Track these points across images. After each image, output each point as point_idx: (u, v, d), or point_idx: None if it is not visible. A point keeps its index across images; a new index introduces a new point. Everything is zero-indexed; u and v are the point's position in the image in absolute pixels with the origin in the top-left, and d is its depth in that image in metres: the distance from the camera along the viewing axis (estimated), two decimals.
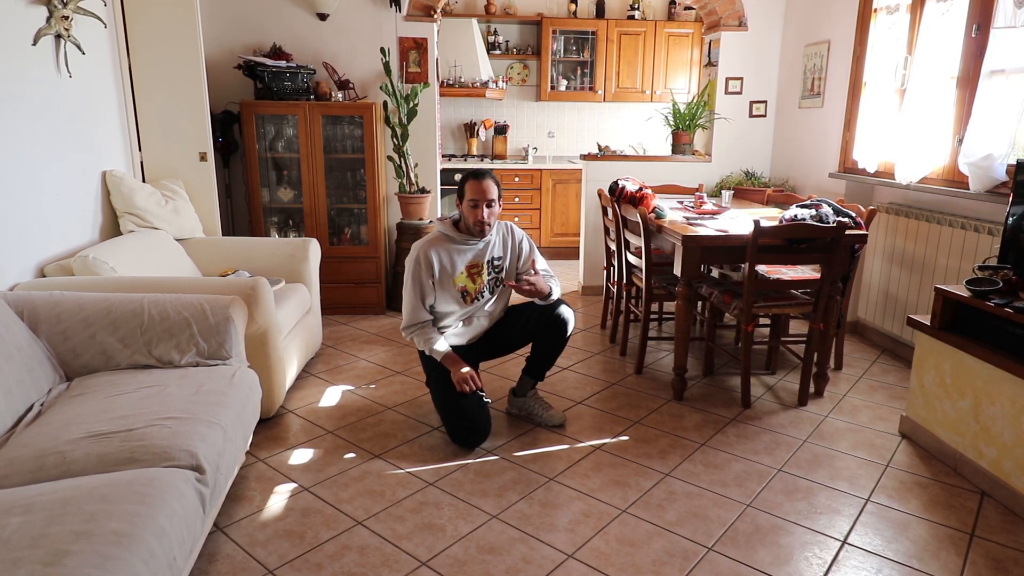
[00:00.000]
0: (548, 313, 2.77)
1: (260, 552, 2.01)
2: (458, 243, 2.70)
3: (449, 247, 2.69)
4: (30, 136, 2.62)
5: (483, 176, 2.62)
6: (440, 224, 2.72)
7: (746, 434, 2.81)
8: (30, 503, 1.46)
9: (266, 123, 4.33)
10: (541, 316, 2.78)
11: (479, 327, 2.83)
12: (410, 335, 2.73)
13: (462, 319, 2.78)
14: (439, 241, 2.70)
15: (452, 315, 2.76)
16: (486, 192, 2.60)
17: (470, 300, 2.73)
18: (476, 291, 2.74)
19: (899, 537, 2.12)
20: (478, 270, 2.73)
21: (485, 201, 2.60)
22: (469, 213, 2.63)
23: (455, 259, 2.69)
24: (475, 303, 2.76)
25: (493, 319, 2.85)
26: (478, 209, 2.61)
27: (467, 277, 2.70)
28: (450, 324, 2.78)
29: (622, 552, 2.03)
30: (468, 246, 2.71)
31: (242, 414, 2.11)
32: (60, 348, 2.23)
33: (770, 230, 2.84)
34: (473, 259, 2.72)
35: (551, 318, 2.77)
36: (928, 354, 2.67)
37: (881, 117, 3.82)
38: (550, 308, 2.77)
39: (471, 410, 2.64)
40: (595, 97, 6.37)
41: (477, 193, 2.60)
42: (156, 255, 3.04)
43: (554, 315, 2.77)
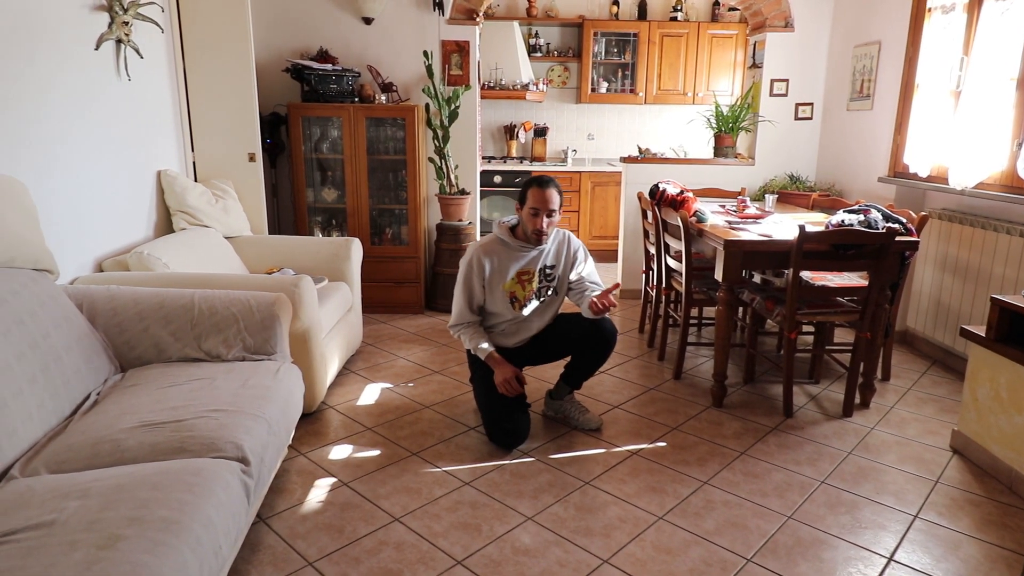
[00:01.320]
0: (594, 329, 2.74)
1: (300, 544, 2.05)
2: (512, 248, 2.69)
3: (503, 252, 2.70)
4: (91, 137, 2.73)
5: (547, 184, 2.59)
6: (498, 228, 2.73)
7: (788, 444, 2.75)
8: (87, 488, 1.53)
9: (312, 125, 4.43)
10: (586, 331, 2.75)
11: (527, 332, 2.82)
12: (457, 333, 2.78)
13: (510, 323, 2.79)
14: (494, 244, 2.71)
15: (501, 318, 2.78)
16: (548, 201, 2.57)
17: (518, 306, 2.74)
18: (525, 297, 2.74)
19: (949, 556, 2.05)
20: (528, 277, 2.72)
21: (546, 211, 2.58)
22: (528, 220, 2.62)
23: (507, 264, 2.69)
24: (523, 309, 2.76)
25: (541, 325, 2.84)
26: (538, 218, 2.59)
27: (516, 283, 2.71)
28: (498, 326, 2.80)
29: (658, 559, 2.01)
30: (522, 252, 2.71)
31: (285, 409, 2.16)
32: (116, 340, 2.32)
33: (816, 235, 2.78)
34: (525, 265, 2.71)
35: (596, 335, 2.75)
36: (982, 366, 2.57)
37: (934, 120, 3.70)
38: (596, 324, 2.74)
39: (512, 411, 2.66)
40: (636, 99, 6.32)
41: (539, 202, 2.58)
42: (206, 252, 3.13)
43: (599, 332, 2.74)
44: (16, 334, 1.86)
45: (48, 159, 2.47)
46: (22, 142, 2.34)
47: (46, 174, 2.46)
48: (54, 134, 2.50)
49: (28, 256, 2.12)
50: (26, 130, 2.36)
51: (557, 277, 2.79)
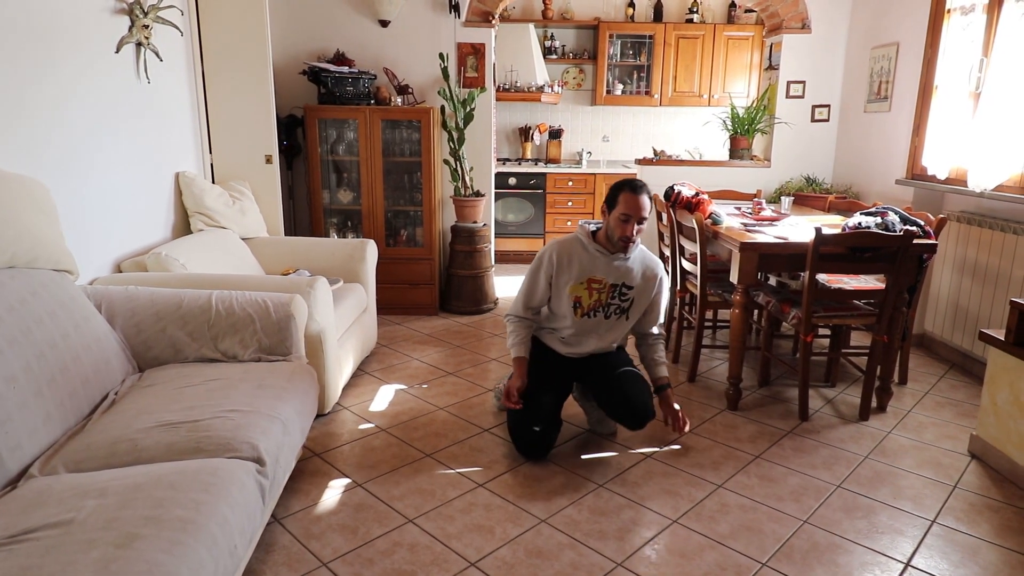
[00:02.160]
0: (632, 410, 2.55)
1: (315, 545, 2.06)
2: (589, 252, 2.58)
3: (579, 253, 2.59)
4: (111, 139, 2.77)
5: (640, 190, 2.46)
6: (579, 229, 2.65)
7: (803, 448, 2.73)
8: (104, 487, 1.55)
9: (328, 127, 4.46)
10: (626, 402, 2.56)
11: (581, 347, 2.69)
12: (507, 322, 2.76)
13: (570, 331, 2.67)
14: (571, 244, 2.62)
15: (563, 322, 2.67)
16: (641, 208, 2.46)
17: (580, 313, 2.62)
18: (589, 307, 2.60)
19: (967, 562, 2.03)
20: (600, 287, 2.58)
21: (638, 218, 2.47)
22: (617, 226, 2.49)
23: (579, 267, 2.58)
24: (585, 319, 2.63)
25: (600, 347, 2.70)
26: (629, 224, 2.47)
27: (584, 288, 2.58)
28: (560, 331, 2.71)
29: (672, 563, 2.00)
30: (598, 258, 2.58)
31: (300, 409, 2.17)
32: (134, 340, 2.35)
33: (833, 238, 2.76)
34: (599, 273, 2.59)
35: (631, 416, 2.57)
36: (1001, 370, 2.54)
37: (953, 122, 3.66)
38: (639, 406, 2.55)
39: (544, 416, 2.54)
40: (651, 101, 6.30)
41: (632, 208, 2.45)
42: (223, 253, 3.16)
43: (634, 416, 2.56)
44: (36, 334, 1.89)
45: (69, 161, 2.51)
46: (44, 144, 2.38)
47: (67, 176, 2.50)
48: (75, 136, 2.54)
49: (49, 257, 2.15)
50: (47, 132, 2.40)
51: (632, 300, 2.63)
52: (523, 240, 6.22)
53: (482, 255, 4.59)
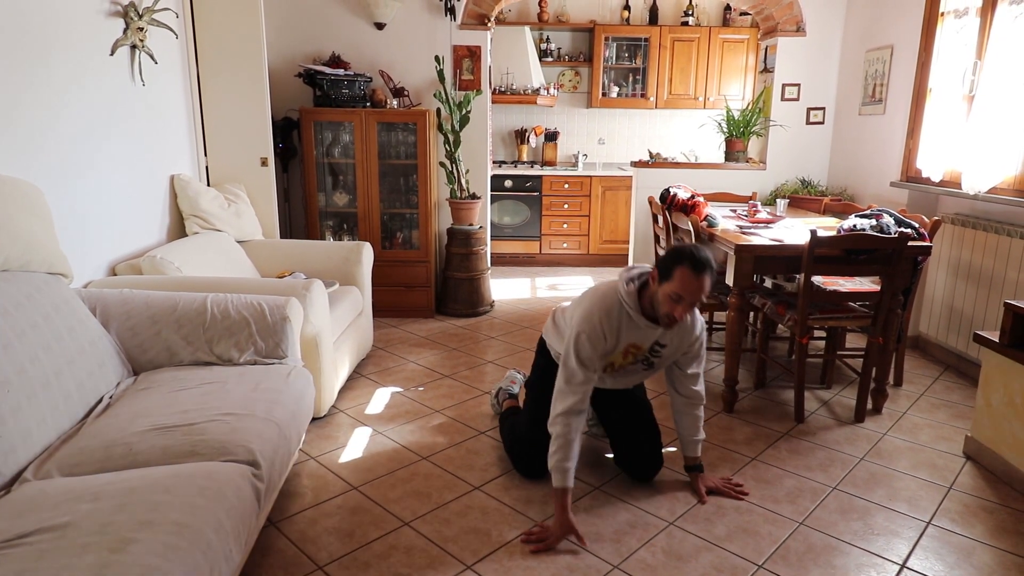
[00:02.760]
0: (647, 464, 2.45)
1: (311, 548, 2.06)
2: (636, 323, 2.18)
3: (626, 324, 2.18)
4: (106, 141, 2.76)
5: (703, 269, 2.03)
6: (624, 291, 2.17)
7: (799, 450, 2.73)
8: (99, 491, 1.54)
9: (324, 129, 4.45)
10: (638, 454, 2.44)
11: (604, 384, 2.42)
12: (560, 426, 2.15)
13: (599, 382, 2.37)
14: (618, 315, 2.17)
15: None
16: (699, 292, 2.05)
17: (610, 371, 2.32)
18: (620, 366, 2.31)
19: (962, 563, 2.03)
20: (637, 351, 2.26)
21: (692, 301, 2.06)
22: (665, 302, 2.08)
23: (621, 336, 2.20)
24: (615, 374, 2.34)
25: (619, 386, 2.47)
26: (680, 306, 2.06)
27: (621, 354, 2.25)
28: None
29: (669, 565, 2.00)
30: (647, 328, 2.19)
31: (296, 412, 2.17)
32: (128, 343, 2.34)
33: (828, 240, 2.77)
34: (639, 340, 2.23)
35: (643, 469, 2.45)
36: (996, 372, 2.55)
37: (947, 124, 3.67)
38: (652, 455, 2.45)
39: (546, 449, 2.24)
40: (647, 104, 6.32)
41: (688, 291, 2.03)
42: (218, 256, 3.15)
43: (646, 471, 2.45)
44: (30, 337, 1.88)
45: (63, 164, 2.50)
46: (37, 147, 2.37)
47: (61, 178, 2.49)
48: (69, 139, 2.54)
49: (43, 260, 2.14)
50: (41, 135, 2.39)
51: (663, 357, 2.32)
52: (519, 242, 6.22)
53: (478, 257, 4.59)
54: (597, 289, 2.27)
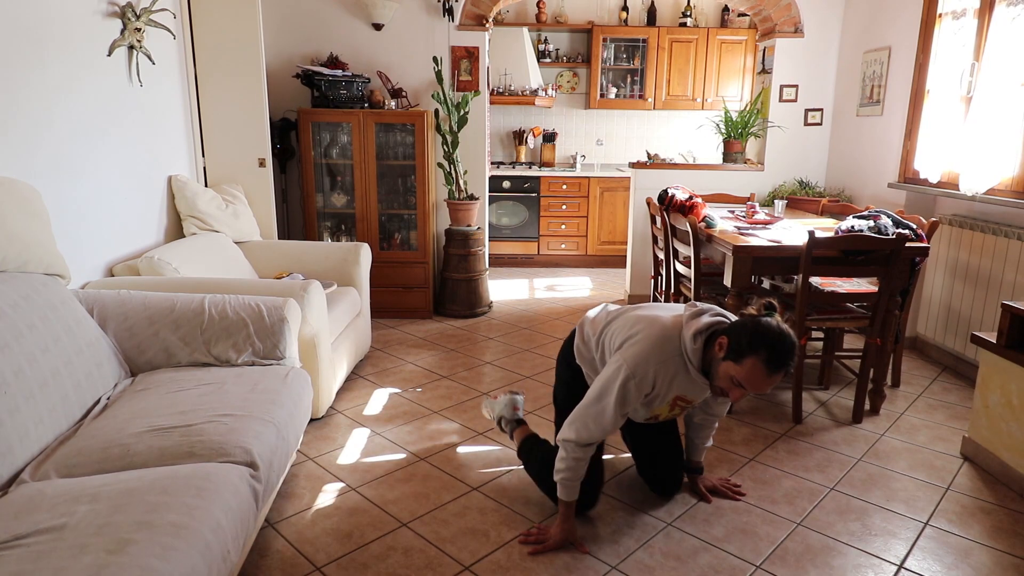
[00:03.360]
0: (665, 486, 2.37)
1: (308, 549, 2.06)
2: (692, 376, 1.97)
3: (681, 375, 1.97)
4: (103, 142, 2.76)
5: (782, 367, 1.80)
6: (690, 344, 1.92)
7: (797, 450, 2.74)
8: (96, 492, 1.54)
9: (322, 130, 4.45)
10: (664, 472, 2.36)
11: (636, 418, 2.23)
12: (570, 452, 2.01)
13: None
14: (676, 367, 1.96)
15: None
16: (769, 387, 1.86)
17: (652, 421, 2.20)
18: (666, 419, 2.21)
19: (960, 564, 2.03)
20: (685, 405, 2.11)
21: (754, 391, 1.87)
22: (725, 382, 1.88)
23: (673, 388, 2.00)
24: (649, 422, 2.22)
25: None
26: (739, 392, 1.87)
27: (669, 408, 2.10)
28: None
29: (667, 566, 2.00)
30: (700, 383, 1.99)
31: (294, 413, 2.16)
32: (126, 344, 2.34)
33: (825, 241, 2.77)
34: (690, 394, 2.05)
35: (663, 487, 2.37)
36: (993, 373, 2.55)
37: (945, 126, 3.68)
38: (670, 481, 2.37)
39: (593, 474, 2.15)
40: (645, 105, 6.32)
41: (756, 385, 1.83)
42: (216, 257, 3.15)
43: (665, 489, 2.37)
44: (28, 338, 1.88)
45: (60, 164, 2.50)
46: (34, 147, 2.37)
47: (58, 179, 2.48)
48: (66, 140, 2.53)
49: (40, 261, 2.14)
50: (39, 135, 2.38)
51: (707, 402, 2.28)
52: (517, 243, 6.22)
53: (476, 258, 4.59)
54: (654, 326, 1.98)
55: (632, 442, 2.44)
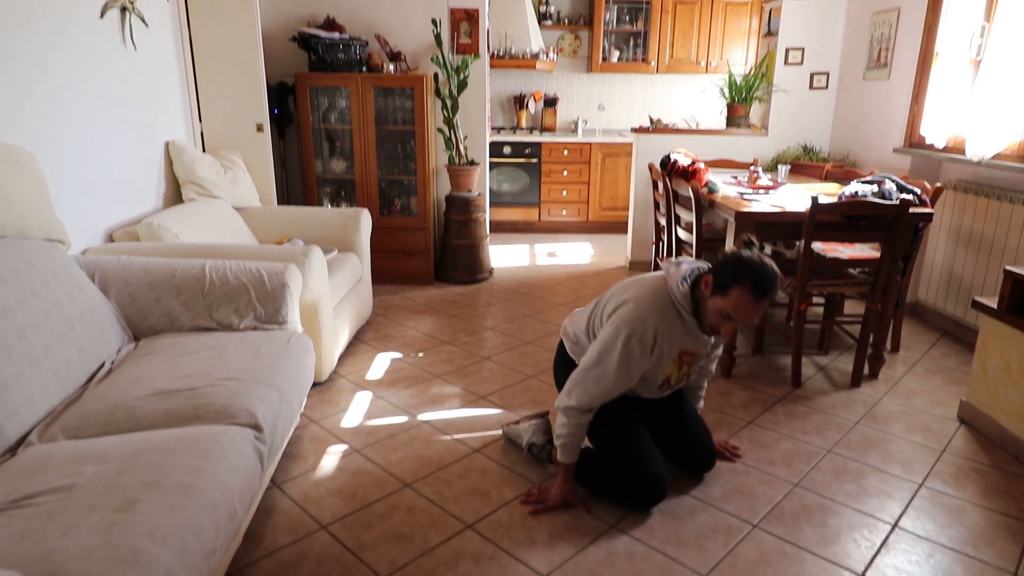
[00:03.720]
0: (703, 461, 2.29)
1: (314, 508, 2.09)
2: (687, 323, 2.01)
3: (677, 324, 2.00)
4: (98, 107, 2.73)
5: (766, 294, 1.86)
6: (679, 291, 1.97)
7: (795, 414, 2.76)
8: (103, 453, 1.56)
9: (320, 95, 4.39)
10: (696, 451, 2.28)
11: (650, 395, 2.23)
12: (571, 418, 2.03)
13: (647, 398, 2.23)
14: (672, 316, 1.99)
15: (639, 395, 2.20)
16: (756, 316, 1.91)
17: (665, 388, 2.16)
18: (677, 380, 2.15)
19: (953, 523, 2.07)
20: (691, 359, 2.11)
21: (744, 322, 1.93)
22: (714, 316, 1.93)
23: (675, 340, 2.02)
24: (667, 390, 2.18)
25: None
26: (729, 325, 1.93)
27: (675, 364, 2.08)
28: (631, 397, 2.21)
29: (665, 524, 2.04)
30: (695, 329, 2.02)
31: (297, 377, 2.18)
32: (128, 310, 2.35)
33: (829, 207, 2.76)
34: (693, 346, 2.07)
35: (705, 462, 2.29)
36: (993, 338, 2.56)
37: (953, 89, 3.63)
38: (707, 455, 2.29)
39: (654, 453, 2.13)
40: (648, 69, 6.22)
41: (744, 314, 1.88)
42: (216, 223, 3.14)
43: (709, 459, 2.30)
44: (31, 304, 1.88)
45: (56, 130, 2.47)
46: (29, 113, 2.34)
47: (55, 145, 2.46)
48: (61, 105, 2.50)
49: (40, 227, 2.13)
50: (33, 101, 2.35)
51: (712, 357, 2.29)
52: (518, 210, 6.19)
53: (477, 224, 4.57)
54: (642, 286, 2.03)
55: (659, 434, 2.29)
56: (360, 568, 1.84)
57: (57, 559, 1.20)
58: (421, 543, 1.94)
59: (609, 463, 2.13)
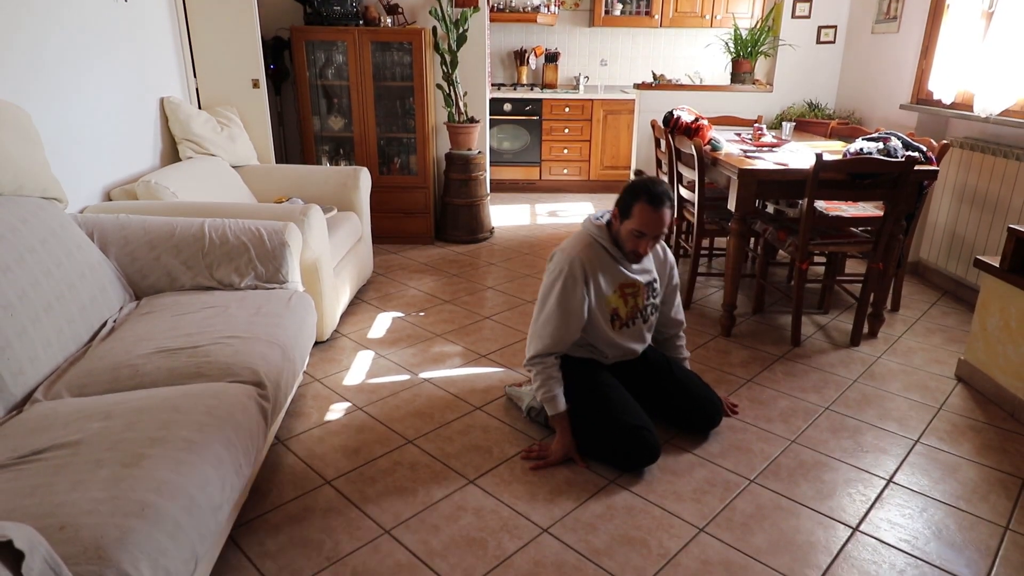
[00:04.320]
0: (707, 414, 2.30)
1: (318, 464, 2.13)
2: (614, 256, 2.18)
3: (604, 258, 2.17)
4: (90, 63, 2.67)
5: (661, 203, 2.05)
6: (593, 227, 2.19)
7: (794, 372, 2.79)
8: (109, 410, 1.57)
9: (316, 50, 4.30)
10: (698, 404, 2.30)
11: (628, 355, 2.33)
12: (535, 368, 2.17)
13: (611, 349, 2.28)
14: (594, 250, 2.16)
15: (600, 343, 2.25)
16: (662, 224, 2.07)
17: (619, 325, 2.24)
18: (628, 316, 2.24)
19: (947, 478, 2.10)
20: (634, 291, 2.22)
21: (655, 236, 2.10)
22: (629, 240, 2.11)
23: (609, 275, 2.18)
24: (624, 330, 2.26)
25: (644, 345, 2.36)
26: (643, 241, 2.10)
27: (619, 298, 2.20)
28: (595, 352, 2.29)
29: (663, 480, 2.07)
30: (620, 259, 2.20)
31: (299, 335, 2.19)
32: (128, 269, 2.34)
33: (833, 164, 2.73)
34: (629, 278, 2.21)
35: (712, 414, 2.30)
36: (994, 296, 2.56)
37: (963, 43, 3.55)
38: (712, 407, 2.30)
39: (629, 404, 2.16)
40: (651, 23, 6.08)
41: (649, 225, 2.06)
42: (214, 181, 3.11)
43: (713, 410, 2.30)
44: (29, 262, 1.88)
45: (49, 86, 2.43)
46: (22, 69, 2.29)
47: (48, 102, 2.42)
48: (54, 61, 2.45)
49: (35, 184, 2.11)
50: (25, 56, 2.30)
51: (659, 291, 2.33)
52: (519, 168, 6.13)
53: (477, 183, 4.53)
54: (564, 242, 2.24)
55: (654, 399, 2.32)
56: (364, 521, 1.88)
57: (66, 512, 1.22)
58: (424, 497, 1.98)
59: (591, 425, 2.16)
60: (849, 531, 1.86)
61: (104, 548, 1.16)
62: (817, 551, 1.79)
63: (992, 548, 1.81)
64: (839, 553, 1.78)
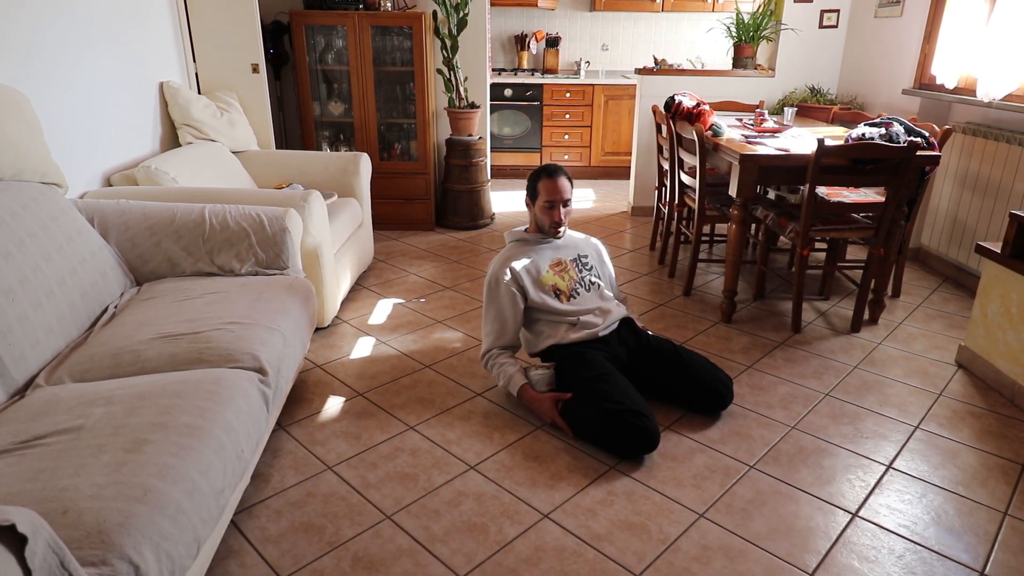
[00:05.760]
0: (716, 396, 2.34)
1: (320, 450, 2.14)
2: (533, 243, 2.52)
3: (526, 250, 2.49)
4: (89, 47, 2.65)
5: (556, 173, 2.42)
6: (513, 234, 2.57)
7: (794, 358, 2.79)
8: (110, 396, 1.58)
9: (316, 34, 4.27)
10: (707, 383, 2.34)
11: (603, 317, 2.44)
12: (487, 363, 2.45)
13: (572, 316, 2.42)
14: (515, 249, 2.51)
15: (559, 315, 2.42)
16: (563, 191, 2.42)
17: (565, 297, 2.46)
18: (569, 289, 2.47)
19: (947, 464, 2.11)
20: (563, 267, 2.51)
21: (562, 200, 2.43)
22: (545, 215, 2.46)
23: (536, 260, 2.47)
24: (572, 299, 2.46)
25: (606, 312, 2.45)
26: (555, 210, 2.44)
27: (554, 275, 2.48)
28: (561, 323, 2.42)
29: (664, 465, 2.08)
30: (545, 245, 2.52)
31: (300, 321, 2.19)
32: (129, 254, 2.34)
33: (835, 149, 2.71)
34: (555, 258, 2.51)
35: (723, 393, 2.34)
36: (995, 283, 2.56)
37: (967, 27, 3.51)
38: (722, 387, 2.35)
39: (625, 390, 2.18)
40: (653, 7, 6.02)
41: (553, 193, 2.41)
42: (214, 167, 3.10)
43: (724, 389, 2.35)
44: (30, 247, 1.87)
45: (48, 71, 2.41)
46: (21, 53, 2.27)
47: (47, 86, 2.40)
48: (52, 45, 2.43)
49: (35, 169, 2.10)
50: (24, 41, 2.28)
51: (594, 265, 2.58)
52: (520, 154, 6.11)
53: (478, 169, 4.51)
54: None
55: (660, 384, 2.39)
56: (366, 507, 1.89)
57: (68, 497, 1.23)
58: (425, 483, 1.99)
59: (592, 413, 2.16)
60: (848, 516, 1.87)
61: (107, 532, 1.17)
62: (816, 536, 1.80)
63: (991, 533, 1.82)
64: (838, 538, 1.79)
